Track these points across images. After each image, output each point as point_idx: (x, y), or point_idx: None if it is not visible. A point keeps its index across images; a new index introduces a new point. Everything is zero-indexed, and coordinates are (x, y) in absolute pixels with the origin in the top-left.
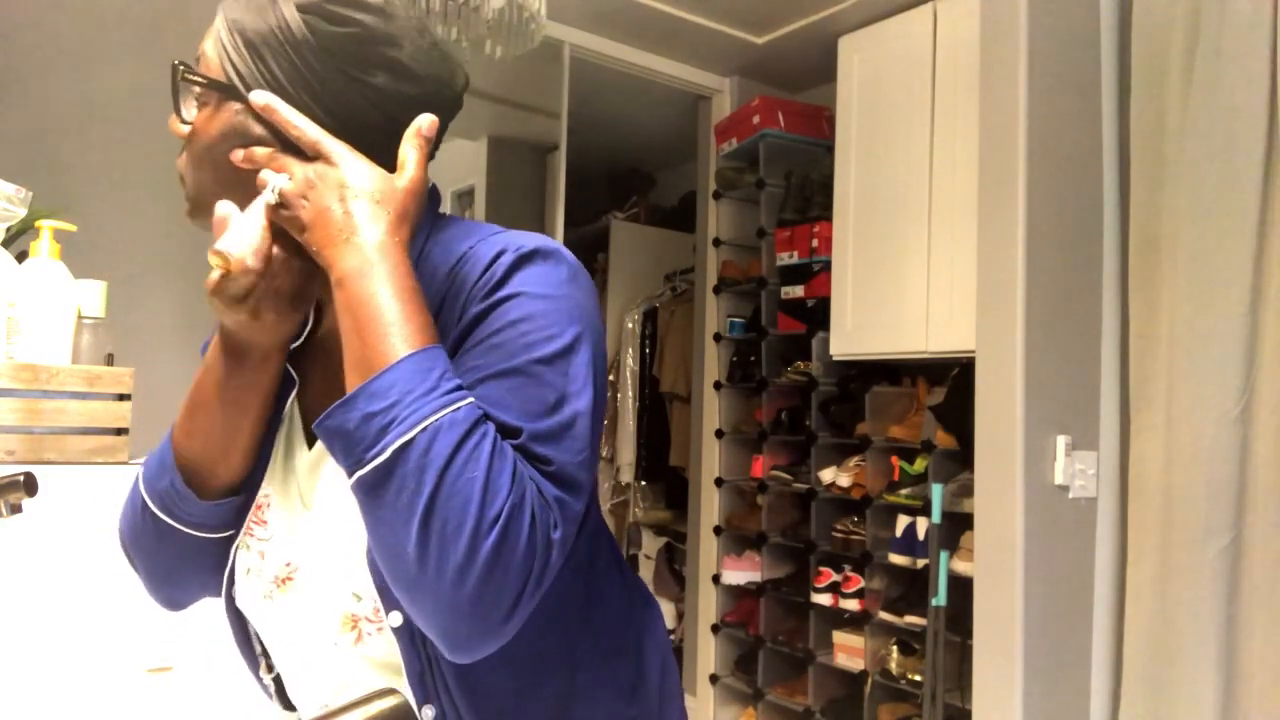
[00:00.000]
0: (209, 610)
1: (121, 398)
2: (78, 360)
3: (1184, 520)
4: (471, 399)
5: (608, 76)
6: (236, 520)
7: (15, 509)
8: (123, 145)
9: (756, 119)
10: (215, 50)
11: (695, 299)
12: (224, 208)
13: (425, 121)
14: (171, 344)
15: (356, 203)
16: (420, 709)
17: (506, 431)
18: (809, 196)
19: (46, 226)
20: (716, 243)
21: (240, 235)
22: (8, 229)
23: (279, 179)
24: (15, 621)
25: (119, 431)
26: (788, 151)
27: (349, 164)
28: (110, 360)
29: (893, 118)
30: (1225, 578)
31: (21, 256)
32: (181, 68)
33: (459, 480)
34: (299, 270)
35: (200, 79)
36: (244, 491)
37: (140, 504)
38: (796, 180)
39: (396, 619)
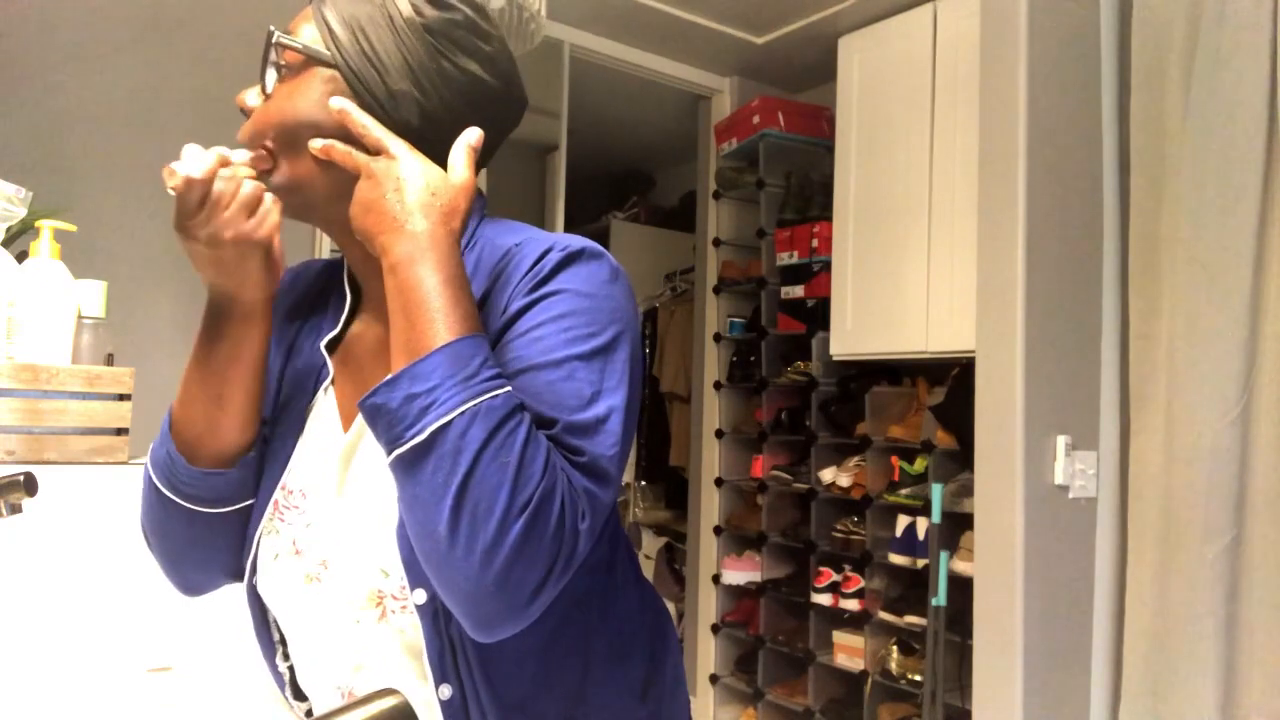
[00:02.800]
0: (209, 609)
1: (121, 398)
2: (78, 360)
3: (1184, 520)
4: (510, 388)
5: (608, 76)
6: (234, 496)
7: (15, 509)
8: (123, 145)
9: (756, 119)
10: (313, 25)
11: (695, 299)
12: (188, 149)
13: (473, 135)
14: (171, 344)
15: (412, 194)
16: (437, 687)
17: (542, 422)
18: (809, 196)
19: (46, 226)
20: (716, 243)
21: (189, 157)
22: (8, 229)
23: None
24: (15, 621)
25: (119, 431)
26: (788, 151)
27: (407, 159)
28: (110, 360)
29: (893, 118)
30: (1225, 578)
31: (21, 256)
32: (276, 36)
33: (493, 464)
34: (259, 206)
35: (297, 46)
36: (240, 467)
37: (148, 480)
38: (796, 180)
39: (421, 596)
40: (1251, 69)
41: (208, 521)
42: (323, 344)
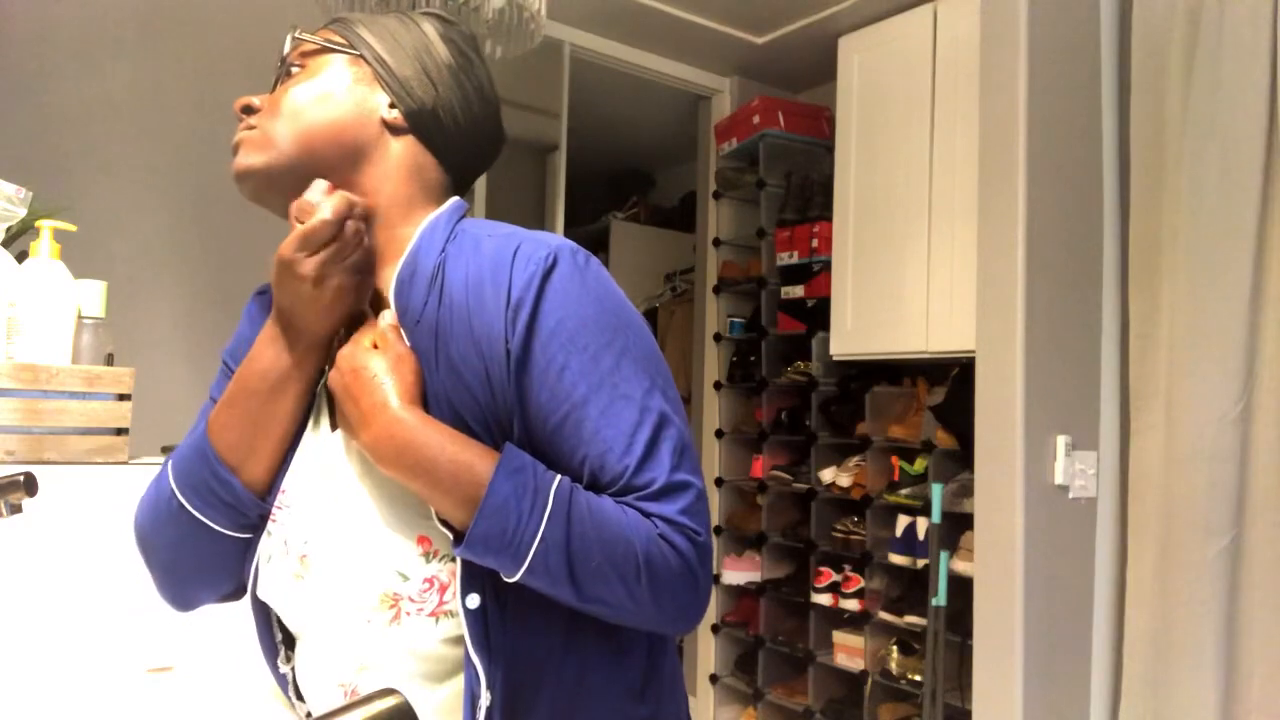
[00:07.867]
0: (210, 609)
1: (121, 398)
2: (78, 360)
3: (1184, 520)
4: (555, 486)
5: (608, 76)
6: (264, 521)
7: (15, 509)
8: (123, 145)
9: (756, 119)
10: (330, 33)
11: (695, 299)
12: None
13: (389, 316)
14: (171, 344)
15: (364, 391)
16: (485, 690)
17: (604, 479)
18: (809, 196)
19: (46, 226)
20: (716, 243)
21: (322, 194)
22: (8, 229)
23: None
24: (15, 621)
25: (119, 431)
26: (788, 151)
27: (349, 352)
28: (110, 360)
29: (893, 118)
30: (1225, 578)
31: (21, 256)
32: (299, 32)
33: (586, 575)
34: (366, 248)
35: (321, 42)
36: (270, 493)
37: (168, 496)
38: (796, 180)
39: (475, 600)
40: (1251, 69)
41: (227, 544)
42: None
